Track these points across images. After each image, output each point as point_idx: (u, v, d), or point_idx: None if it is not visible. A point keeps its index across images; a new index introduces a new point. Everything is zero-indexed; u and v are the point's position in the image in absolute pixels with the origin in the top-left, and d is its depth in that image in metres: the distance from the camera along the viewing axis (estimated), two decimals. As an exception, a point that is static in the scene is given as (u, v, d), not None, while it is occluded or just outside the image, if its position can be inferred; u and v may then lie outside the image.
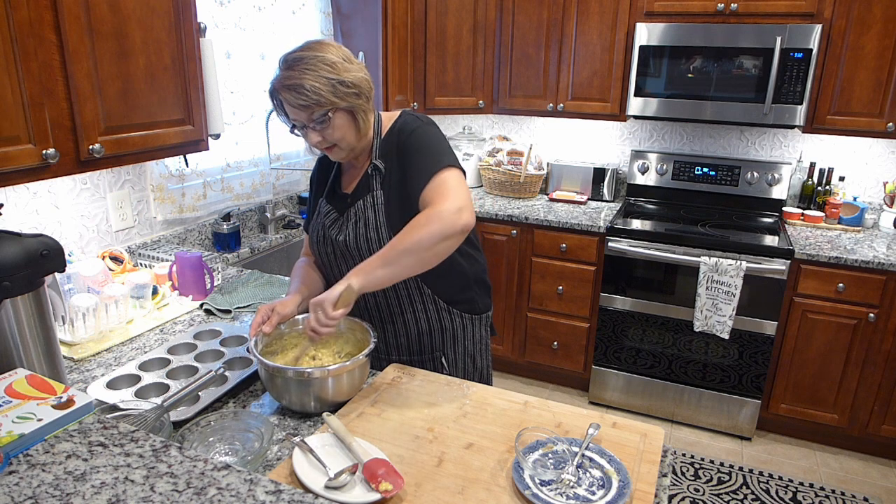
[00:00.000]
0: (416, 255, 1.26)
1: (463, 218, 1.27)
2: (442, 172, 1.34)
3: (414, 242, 1.25)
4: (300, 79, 1.29)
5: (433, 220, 1.26)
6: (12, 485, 0.84)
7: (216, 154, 2.53)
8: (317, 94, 1.30)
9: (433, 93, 3.30)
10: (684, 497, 2.54)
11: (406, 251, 1.26)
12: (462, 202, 1.29)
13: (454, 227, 1.26)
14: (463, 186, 1.33)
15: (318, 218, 1.55)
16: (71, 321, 1.54)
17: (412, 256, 1.26)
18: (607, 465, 1.10)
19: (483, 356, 1.68)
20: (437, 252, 1.28)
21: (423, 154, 1.38)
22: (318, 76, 1.29)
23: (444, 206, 1.27)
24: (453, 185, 1.32)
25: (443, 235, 1.26)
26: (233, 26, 2.53)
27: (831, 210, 3.01)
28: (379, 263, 1.27)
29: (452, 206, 1.27)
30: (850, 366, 2.70)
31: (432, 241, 1.25)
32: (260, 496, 0.84)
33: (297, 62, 1.31)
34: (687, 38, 2.85)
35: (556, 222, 3.04)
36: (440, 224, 1.25)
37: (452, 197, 1.29)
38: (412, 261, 1.27)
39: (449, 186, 1.32)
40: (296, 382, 1.22)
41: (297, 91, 1.29)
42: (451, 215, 1.26)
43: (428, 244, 1.25)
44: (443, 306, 1.55)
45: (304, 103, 1.30)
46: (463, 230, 1.27)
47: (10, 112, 1.34)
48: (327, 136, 1.37)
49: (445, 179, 1.33)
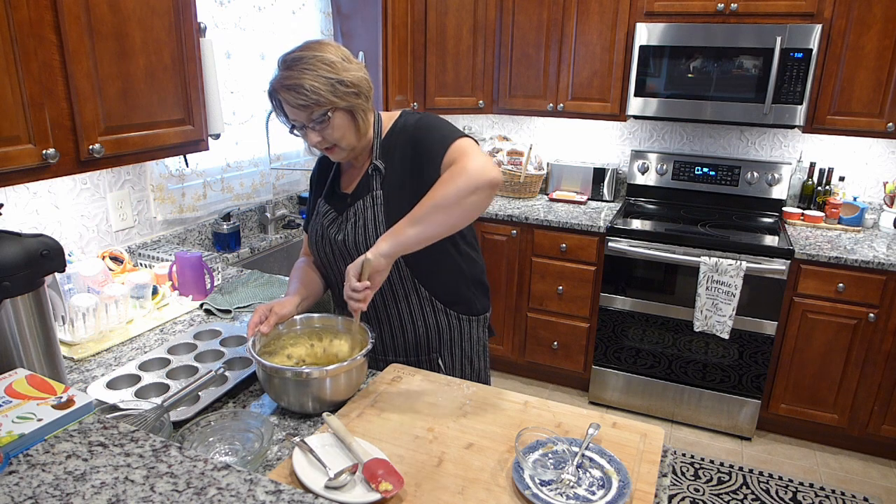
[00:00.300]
0: (446, 211, 1.23)
1: (489, 171, 1.24)
2: (457, 141, 1.34)
3: (443, 197, 1.23)
4: (299, 79, 1.29)
5: (460, 174, 1.24)
6: (12, 485, 0.84)
7: (216, 154, 2.53)
8: (316, 94, 1.29)
9: (433, 93, 3.30)
10: (684, 497, 2.54)
11: (435, 208, 1.23)
12: (485, 158, 1.27)
13: (482, 179, 1.23)
14: (480, 149, 1.33)
15: (317, 218, 1.55)
16: (71, 321, 1.54)
17: (441, 212, 1.23)
18: (607, 465, 1.10)
19: (480, 357, 1.68)
20: (467, 207, 1.24)
21: (434, 133, 1.38)
22: (318, 76, 1.29)
23: (468, 161, 1.26)
24: (471, 147, 1.32)
25: (471, 188, 1.23)
26: (233, 26, 2.53)
27: (831, 210, 3.01)
28: (409, 223, 1.24)
29: (477, 162, 1.25)
30: (850, 366, 2.70)
31: (461, 194, 1.22)
32: (260, 496, 0.84)
33: (296, 62, 1.31)
34: (687, 38, 2.85)
35: (556, 222, 3.04)
36: (467, 177, 1.23)
37: (473, 155, 1.28)
38: (442, 217, 1.24)
39: (467, 149, 1.31)
40: (294, 383, 1.22)
41: (297, 91, 1.29)
42: (478, 168, 1.24)
43: (456, 198, 1.22)
44: (440, 307, 1.55)
45: (304, 103, 1.30)
46: (490, 183, 1.24)
47: (10, 112, 1.34)
48: (327, 136, 1.37)
49: (461, 144, 1.32)
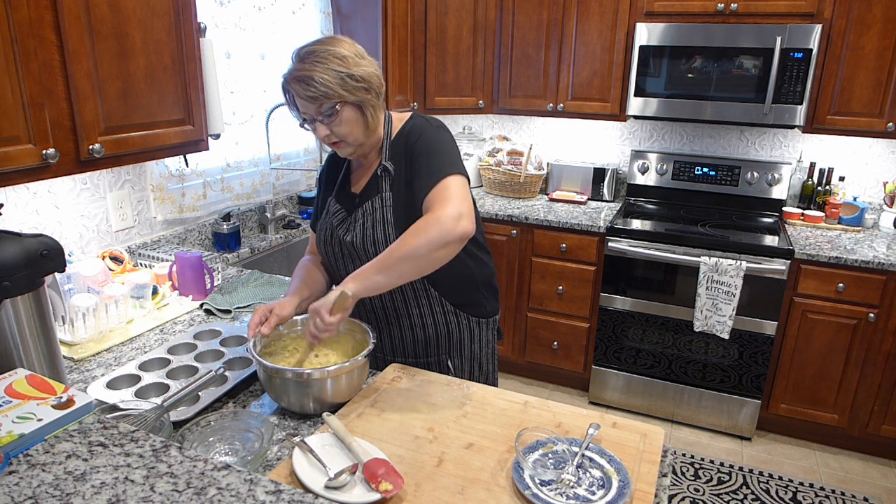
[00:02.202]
0: (413, 262, 1.26)
1: (461, 225, 1.26)
2: (445, 179, 1.33)
3: (411, 249, 1.25)
4: (310, 71, 1.30)
5: (431, 227, 1.25)
6: (12, 485, 0.84)
7: (216, 154, 2.53)
8: (325, 87, 1.30)
9: (433, 93, 3.30)
10: (684, 497, 2.54)
11: (403, 258, 1.25)
12: (462, 209, 1.28)
13: (452, 235, 1.25)
14: (465, 193, 1.33)
15: (327, 217, 1.55)
16: (71, 321, 1.54)
17: (409, 263, 1.26)
18: (607, 465, 1.10)
19: (489, 360, 1.68)
20: (434, 259, 1.27)
21: (429, 159, 1.38)
22: (328, 69, 1.30)
23: (443, 212, 1.27)
24: (455, 191, 1.31)
25: (441, 243, 1.25)
26: (233, 26, 2.53)
27: (831, 210, 3.01)
28: (375, 269, 1.26)
29: (452, 213, 1.26)
30: (850, 366, 2.70)
31: (430, 248, 1.25)
32: (260, 496, 0.84)
33: (309, 55, 1.32)
34: (687, 38, 2.85)
35: (556, 222, 3.04)
36: (438, 230, 1.25)
37: (453, 204, 1.28)
38: (409, 267, 1.27)
39: (451, 193, 1.31)
40: (294, 384, 1.22)
41: (307, 83, 1.30)
42: (450, 222, 1.25)
43: (425, 251, 1.25)
44: (450, 309, 1.55)
45: (313, 95, 1.31)
46: (461, 238, 1.27)
47: (10, 112, 1.34)
48: (335, 130, 1.37)
49: (448, 185, 1.33)
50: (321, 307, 1.25)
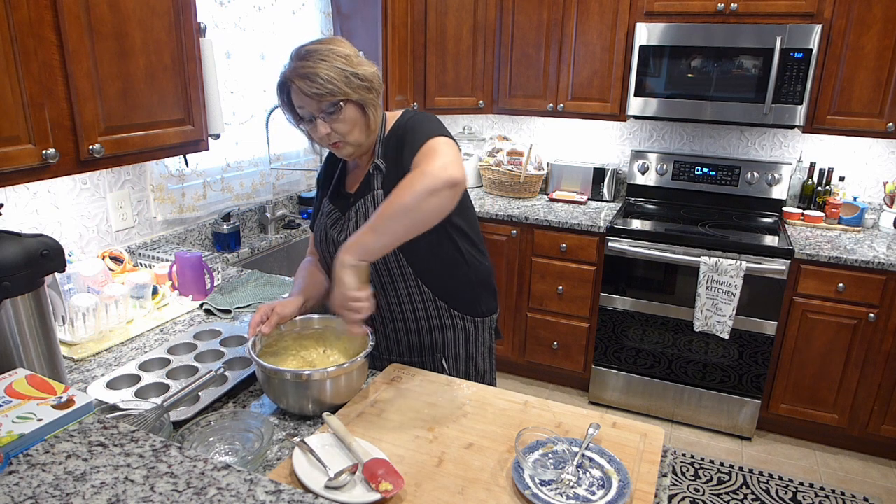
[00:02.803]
0: (404, 217, 1.21)
1: (448, 172, 1.21)
2: (429, 140, 1.32)
3: (399, 204, 1.20)
4: (314, 68, 1.30)
5: (415, 179, 1.21)
6: (12, 485, 0.84)
7: (216, 154, 2.53)
8: (331, 83, 1.30)
9: (433, 93, 3.30)
10: (684, 497, 2.54)
11: (392, 215, 1.21)
12: (447, 159, 1.24)
13: (438, 180, 1.20)
14: (449, 147, 1.30)
15: (321, 217, 1.56)
16: (71, 321, 1.54)
17: (399, 219, 1.21)
18: (607, 465, 1.10)
19: (486, 359, 1.67)
20: (427, 210, 1.22)
21: (415, 133, 1.38)
22: (332, 66, 1.31)
23: (427, 165, 1.24)
24: (440, 147, 1.29)
25: (427, 190, 1.20)
26: (233, 26, 2.53)
27: (831, 210, 3.01)
28: (367, 232, 1.22)
29: (437, 163, 1.23)
30: (850, 366, 2.70)
31: (417, 198, 1.20)
32: (260, 496, 0.84)
33: (311, 53, 1.33)
34: (687, 38, 2.85)
35: (556, 222, 3.04)
36: (423, 179, 1.20)
37: (438, 156, 1.26)
38: (400, 224, 1.22)
39: (434, 148, 1.29)
40: (293, 385, 1.21)
41: (311, 79, 1.30)
42: (435, 170, 1.21)
43: (413, 203, 1.20)
44: (443, 307, 1.55)
45: (317, 91, 1.30)
46: (448, 183, 1.21)
47: (10, 112, 1.34)
48: (336, 129, 1.36)
49: (431, 144, 1.31)
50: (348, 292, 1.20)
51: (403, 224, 1.22)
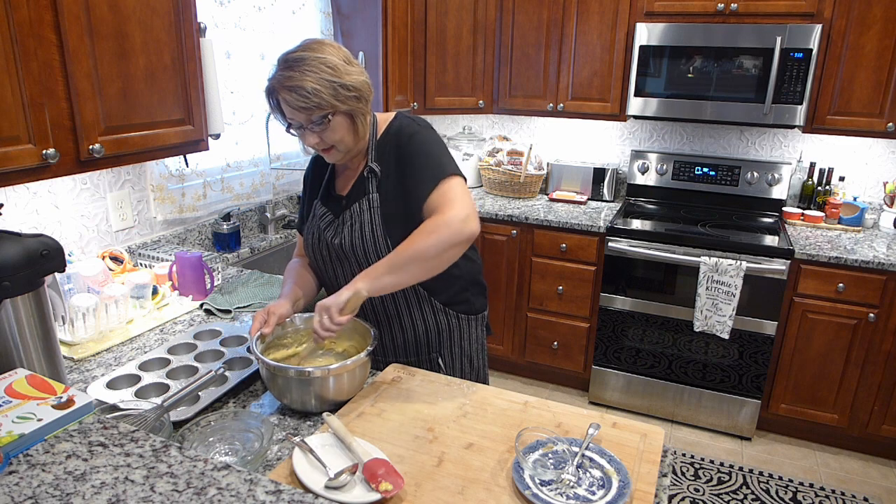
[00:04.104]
0: (424, 263, 1.29)
1: (469, 226, 1.29)
2: (447, 181, 1.35)
3: (422, 250, 1.27)
4: (301, 80, 1.28)
5: (441, 228, 1.28)
6: (12, 485, 0.84)
7: (216, 154, 2.53)
8: (318, 97, 1.29)
9: (433, 93, 3.30)
10: (684, 497, 2.54)
11: (413, 258, 1.28)
12: (468, 210, 1.31)
13: (461, 236, 1.28)
14: (468, 195, 1.35)
15: (314, 220, 1.55)
16: (71, 321, 1.54)
17: (419, 264, 1.28)
18: (607, 465, 1.10)
19: (479, 356, 1.68)
20: (444, 260, 1.30)
21: (425, 161, 1.39)
22: (320, 78, 1.29)
23: (450, 214, 1.29)
24: (458, 193, 1.34)
25: (450, 244, 1.28)
26: (233, 26, 2.53)
27: (831, 210, 3.01)
28: (385, 270, 1.28)
29: (460, 215, 1.29)
30: (850, 366, 2.70)
31: (440, 249, 1.27)
32: (260, 496, 0.84)
33: (298, 63, 1.30)
34: (687, 38, 2.85)
35: (556, 222, 3.04)
36: (448, 232, 1.27)
37: (459, 205, 1.31)
38: (418, 268, 1.29)
39: (455, 194, 1.34)
40: (297, 381, 1.22)
41: (298, 92, 1.29)
42: (458, 223, 1.28)
43: (435, 252, 1.27)
44: (439, 307, 1.55)
45: (305, 105, 1.30)
46: (469, 238, 1.30)
47: (10, 112, 1.34)
48: (325, 138, 1.37)
49: (451, 188, 1.35)
50: (332, 307, 1.26)
51: (422, 269, 1.30)
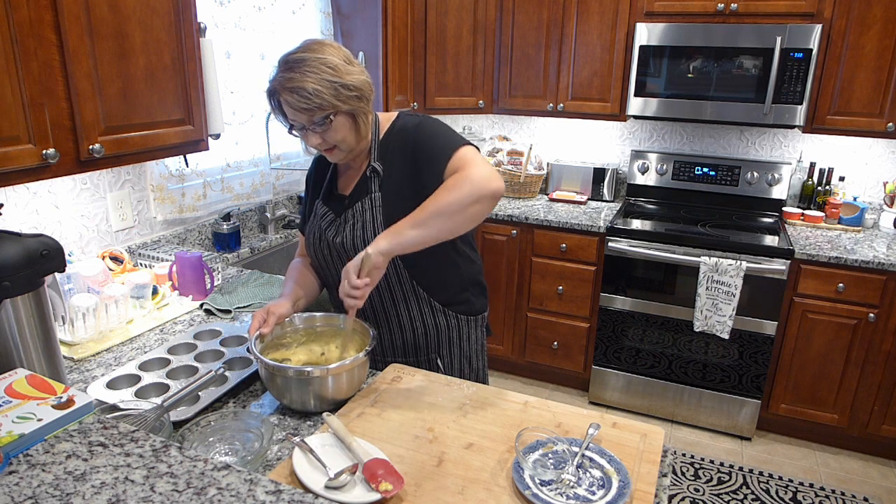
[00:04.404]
0: (448, 218, 1.26)
1: (494, 182, 1.28)
2: (459, 149, 1.36)
3: (446, 204, 1.25)
4: (302, 81, 1.28)
5: (464, 183, 1.26)
6: (12, 485, 0.84)
7: (216, 154, 2.53)
8: (319, 98, 1.29)
9: (433, 93, 3.30)
10: (684, 497, 2.54)
11: (438, 213, 1.26)
12: (490, 169, 1.30)
13: (485, 189, 1.26)
14: (483, 159, 1.35)
15: (315, 220, 1.55)
16: (71, 321, 1.54)
17: (443, 218, 1.26)
18: (607, 465, 1.10)
19: (479, 357, 1.68)
20: (469, 215, 1.28)
21: (435, 140, 1.40)
22: (321, 79, 1.29)
23: (472, 170, 1.29)
24: (475, 156, 1.34)
25: (474, 197, 1.26)
26: (233, 26, 2.53)
27: (831, 210, 3.01)
28: (410, 224, 1.26)
29: (483, 171, 1.28)
30: (850, 366, 2.70)
31: (463, 203, 1.26)
32: (260, 496, 0.84)
33: (299, 63, 1.30)
34: (687, 38, 2.85)
35: (556, 222, 3.04)
36: (471, 186, 1.26)
37: (479, 164, 1.31)
38: (443, 223, 1.27)
39: (471, 158, 1.33)
40: (296, 381, 1.22)
41: (299, 93, 1.29)
42: (482, 178, 1.27)
43: (459, 206, 1.26)
44: (438, 308, 1.55)
45: (306, 106, 1.30)
46: (493, 194, 1.28)
47: (10, 112, 1.34)
48: (327, 139, 1.37)
49: (465, 153, 1.35)
50: (350, 269, 1.24)
51: (445, 224, 1.27)
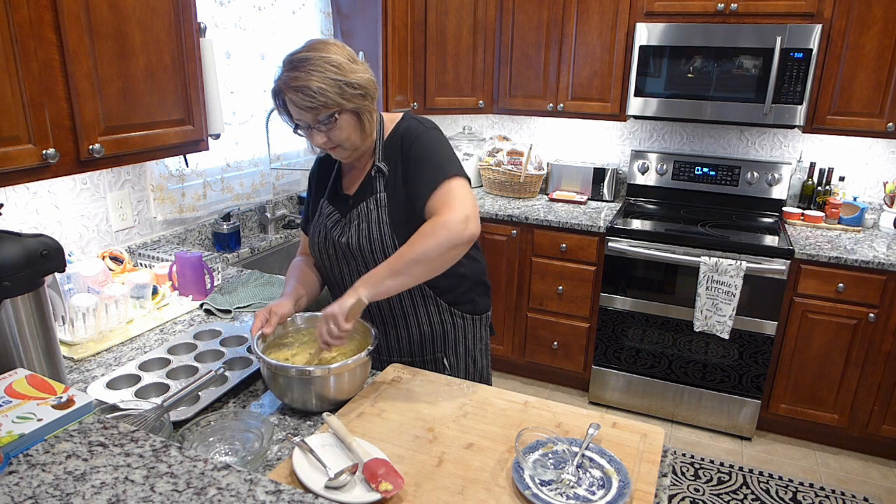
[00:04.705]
0: (424, 265, 1.29)
1: (469, 228, 1.29)
2: (448, 182, 1.35)
3: (422, 252, 1.27)
4: (307, 80, 1.29)
5: (440, 230, 1.28)
6: (12, 485, 0.84)
7: (216, 154, 2.53)
8: (324, 96, 1.30)
9: (433, 93, 3.30)
10: (684, 497, 2.54)
11: (414, 261, 1.28)
12: (468, 211, 1.31)
13: (461, 237, 1.28)
14: (469, 195, 1.35)
15: (320, 219, 1.55)
16: (71, 321, 1.54)
17: (420, 266, 1.28)
18: (607, 465, 1.10)
19: (483, 356, 1.68)
20: (445, 261, 1.30)
21: (429, 162, 1.39)
22: (325, 77, 1.29)
23: (450, 215, 1.29)
24: (459, 194, 1.34)
25: (450, 245, 1.28)
26: (233, 26, 2.53)
27: (831, 210, 3.01)
28: (387, 273, 1.28)
29: (459, 216, 1.29)
30: (850, 366, 2.70)
31: (440, 250, 1.27)
32: (260, 496, 0.84)
33: (303, 63, 1.31)
34: (687, 38, 2.85)
35: (556, 222, 3.04)
36: (447, 234, 1.27)
37: (459, 206, 1.31)
38: (420, 270, 1.29)
39: (455, 195, 1.33)
40: (298, 381, 1.22)
41: (304, 92, 1.29)
42: (458, 225, 1.28)
43: (436, 254, 1.28)
44: (444, 307, 1.55)
45: (311, 105, 1.30)
46: (469, 240, 1.30)
47: (10, 112, 1.34)
48: (332, 137, 1.37)
49: (451, 188, 1.35)
50: (338, 314, 1.26)
51: (422, 271, 1.30)
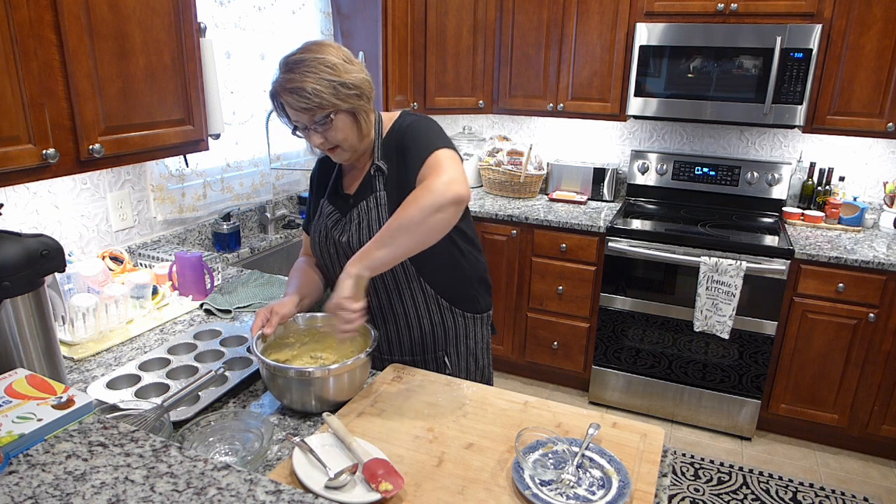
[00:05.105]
0: (411, 232, 1.25)
1: (452, 188, 1.25)
2: (433, 153, 1.34)
3: (406, 219, 1.25)
4: (301, 82, 1.29)
5: (422, 195, 1.25)
6: (12, 485, 0.84)
7: (216, 154, 2.53)
8: (318, 97, 1.30)
9: (433, 93, 3.30)
10: (684, 497, 2.54)
11: (400, 228, 1.25)
12: (452, 175, 1.28)
13: (444, 198, 1.24)
14: (454, 162, 1.33)
15: (321, 219, 1.55)
16: (71, 321, 1.54)
17: (407, 233, 1.25)
18: (607, 465, 1.10)
19: (484, 355, 1.69)
20: (432, 225, 1.26)
21: (418, 141, 1.39)
22: (320, 78, 1.30)
23: (433, 180, 1.27)
24: (444, 161, 1.32)
25: (433, 207, 1.24)
26: (233, 26, 2.53)
27: (831, 210, 3.01)
28: (376, 246, 1.26)
29: (442, 179, 1.27)
30: (850, 366, 2.70)
31: (423, 214, 1.24)
32: (260, 496, 0.84)
33: (298, 64, 1.31)
34: (687, 38, 2.85)
35: (556, 222, 3.04)
36: (430, 197, 1.24)
37: (443, 171, 1.29)
38: (408, 238, 1.26)
39: (440, 163, 1.32)
40: (297, 382, 1.22)
41: (299, 94, 1.30)
42: (440, 186, 1.25)
43: (419, 218, 1.24)
44: (445, 306, 1.55)
45: (306, 106, 1.31)
46: (454, 200, 1.26)
47: (10, 112, 1.34)
48: (329, 138, 1.38)
49: (437, 157, 1.33)
50: (343, 301, 1.24)
51: (410, 239, 1.26)
